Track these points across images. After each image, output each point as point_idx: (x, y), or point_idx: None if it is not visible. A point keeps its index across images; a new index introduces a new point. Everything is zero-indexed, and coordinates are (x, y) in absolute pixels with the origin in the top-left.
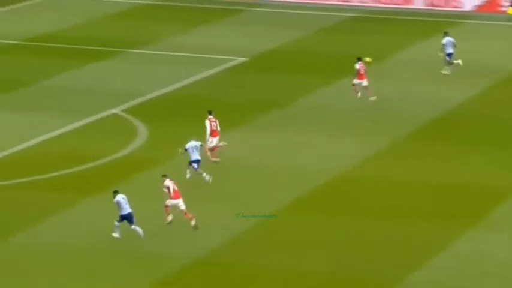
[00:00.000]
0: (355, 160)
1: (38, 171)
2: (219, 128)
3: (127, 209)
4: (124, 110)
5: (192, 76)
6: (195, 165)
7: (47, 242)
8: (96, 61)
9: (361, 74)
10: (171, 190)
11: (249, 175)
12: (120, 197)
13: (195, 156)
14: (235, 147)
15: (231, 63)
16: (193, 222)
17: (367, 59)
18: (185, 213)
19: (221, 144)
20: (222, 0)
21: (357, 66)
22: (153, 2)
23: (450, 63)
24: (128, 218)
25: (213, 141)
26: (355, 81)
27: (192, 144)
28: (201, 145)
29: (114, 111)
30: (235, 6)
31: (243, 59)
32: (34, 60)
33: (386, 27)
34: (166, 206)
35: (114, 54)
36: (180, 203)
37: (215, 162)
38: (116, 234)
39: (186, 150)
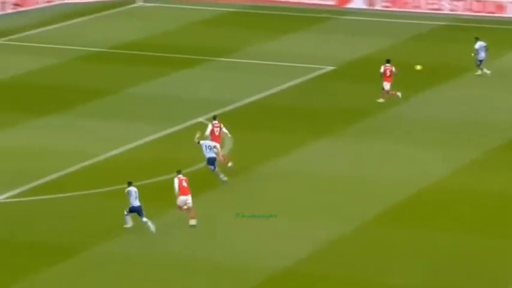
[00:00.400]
0: (444, 171)
1: (124, 180)
2: (224, 131)
3: (136, 202)
4: (209, 119)
5: (278, 85)
6: (212, 166)
7: (130, 252)
8: (181, 69)
9: (387, 76)
10: (177, 185)
11: (335, 185)
12: (132, 189)
13: (210, 154)
14: (322, 157)
15: (318, 72)
16: (193, 222)
17: (418, 67)
18: (184, 209)
19: (229, 164)
20: (308, 8)
21: (382, 68)
22: (239, 10)
23: (480, 68)
24: (137, 211)
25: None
26: (385, 84)
27: (206, 143)
28: (214, 146)
29: (199, 119)
30: (320, 14)
31: (330, 68)
32: (120, 68)
33: (478, 35)
34: (179, 207)
35: (200, 62)
36: (189, 200)
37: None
38: (127, 225)
39: (199, 143)
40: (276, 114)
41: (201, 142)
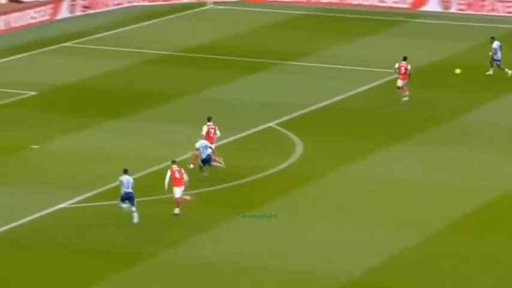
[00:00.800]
0: None
1: (193, 186)
2: (218, 134)
3: (128, 190)
4: (280, 124)
5: (350, 89)
6: (207, 165)
7: (197, 259)
8: (252, 73)
9: (402, 74)
10: (168, 177)
11: (408, 192)
12: (124, 178)
13: (205, 153)
14: (395, 163)
15: (391, 77)
16: (176, 211)
17: (458, 71)
18: (177, 200)
19: (219, 163)
20: (381, 11)
21: (397, 65)
22: (310, 13)
23: (499, 67)
24: (128, 198)
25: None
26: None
27: (203, 143)
28: (210, 147)
29: (270, 124)
30: (394, 17)
31: None
32: (189, 72)
33: None
34: (178, 200)
35: (270, 66)
36: (181, 191)
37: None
38: (135, 220)
39: (197, 149)
40: (348, 119)
41: (197, 145)
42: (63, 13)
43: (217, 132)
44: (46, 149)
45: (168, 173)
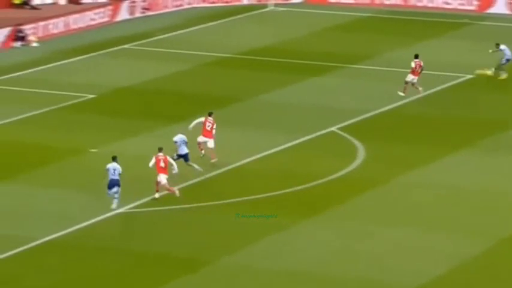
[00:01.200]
0: None
1: (253, 191)
2: (214, 131)
3: (114, 176)
4: (342, 128)
5: (413, 94)
6: (184, 160)
7: (257, 265)
8: (313, 76)
9: (415, 71)
10: (152, 164)
11: (472, 199)
12: (111, 165)
13: (184, 150)
14: (460, 169)
15: (456, 81)
16: (156, 195)
17: (488, 72)
18: (162, 185)
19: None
20: (446, 13)
21: (413, 64)
22: (374, 15)
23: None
24: (114, 185)
25: (202, 139)
26: (410, 78)
27: (181, 137)
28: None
29: (331, 129)
30: (460, 19)
31: (469, 76)
32: (250, 75)
33: None
34: (165, 187)
35: (333, 69)
36: (164, 177)
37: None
38: (113, 206)
39: (175, 142)
40: (410, 124)
41: (175, 138)
42: (123, 15)
43: (214, 130)
44: (104, 153)
45: (153, 161)
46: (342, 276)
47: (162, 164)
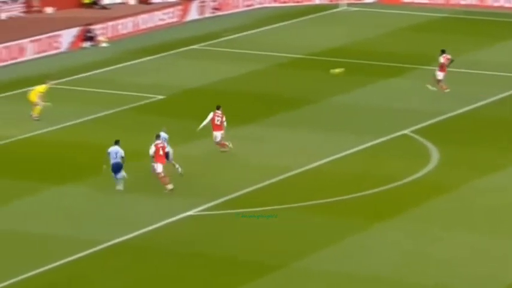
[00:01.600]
0: None
1: (325, 194)
2: (224, 124)
3: (114, 159)
4: (415, 131)
5: (489, 96)
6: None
7: (328, 270)
8: (387, 78)
9: (445, 67)
10: (152, 151)
11: None
12: (113, 149)
13: (166, 148)
14: None
15: None
16: (170, 186)
17: (337, 70)
18: (157, 174)
19: (228, 145)
20: None
21: (442, 59)
22: (450, 15)
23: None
24: (118, 168)
25: (217, 136)
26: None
27: (163, 136)
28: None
29: (404, 131)
30: None
31: None
32: (322, 76)
33: None
34: (160, 175)
35: (408, 71)
36: (160, 166)
37: (224, 151)
38: (119, 187)
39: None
40: (487, 127)
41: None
42: (192, 15)
43: (224, 122)
44: (175, 155)
45: (153, 149)
46: (413, 281)
47: (161, 152)
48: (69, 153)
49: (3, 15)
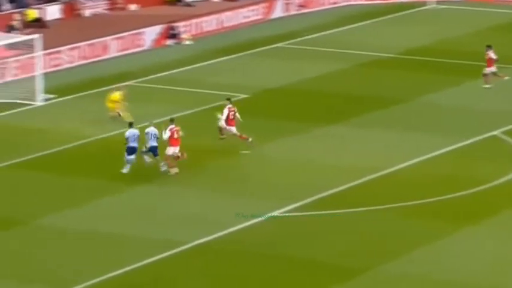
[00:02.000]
0: None
1: (412, 196)
2: (238, 117)
3: (134, 144)
4: (505, 132)
5: None
6: (151, 152)
7: (413, 274)
8: (476, 78)
9: (492, 61)
10: (167, 135)
11: None
12: (129, 132)
13: (152, 143)
14: None
15: None
16: (175, 170)
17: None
18: (176, 157)
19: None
20: None
21: (492, 54)
22: None
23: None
24: (129, 150)
25: (232, 130)
26: (487, 70)
27: (151, 130)
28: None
29: (494, 133)
30: None
31: None
32: (411, 76)
33: None
34: (168, 157)
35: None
36: (176, 150)
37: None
38: (125, 170)
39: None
40: None
41: (147, 130)
42: (277, 12)
43: (237, 114)
44: (257, 155)
45: (168, 133)
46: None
47: (175, 136)
48: None
49: (87, 12)
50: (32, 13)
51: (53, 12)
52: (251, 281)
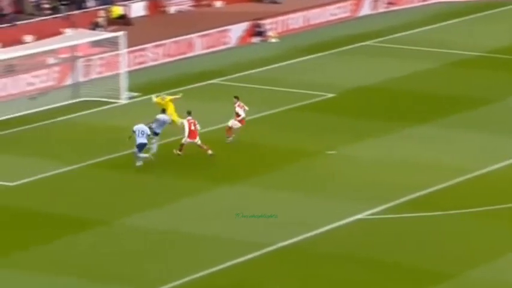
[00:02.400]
0: None
1: (501, 199)
2: (245, 108)
3: (142, 140)
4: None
5: None
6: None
7: (501, 281)
8: None
9: None
10: (187, 128)
11: None
12: (137, 128)
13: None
14: None
15: None
16: (210, 152)
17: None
18: (200, 146)
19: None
20: None
21: None
22: None
23: None
24: (138, 147)
25: (236, 124)
26: None
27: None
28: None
29: None
30: None
31: None
32: (499, 75)
33: None
34: (182, 144)
35: None
36: (198, 141)
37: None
38: (138, 163)
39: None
40: None
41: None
42: (365, 10)
43: (245, 106)
44: (343, 155)
45: (187, 125)
46: None
47: (192, 127)
48: (226, 152)
49: (172, 9)
50: (117, 10)
51: (137, 9)
52: (336, 285)
